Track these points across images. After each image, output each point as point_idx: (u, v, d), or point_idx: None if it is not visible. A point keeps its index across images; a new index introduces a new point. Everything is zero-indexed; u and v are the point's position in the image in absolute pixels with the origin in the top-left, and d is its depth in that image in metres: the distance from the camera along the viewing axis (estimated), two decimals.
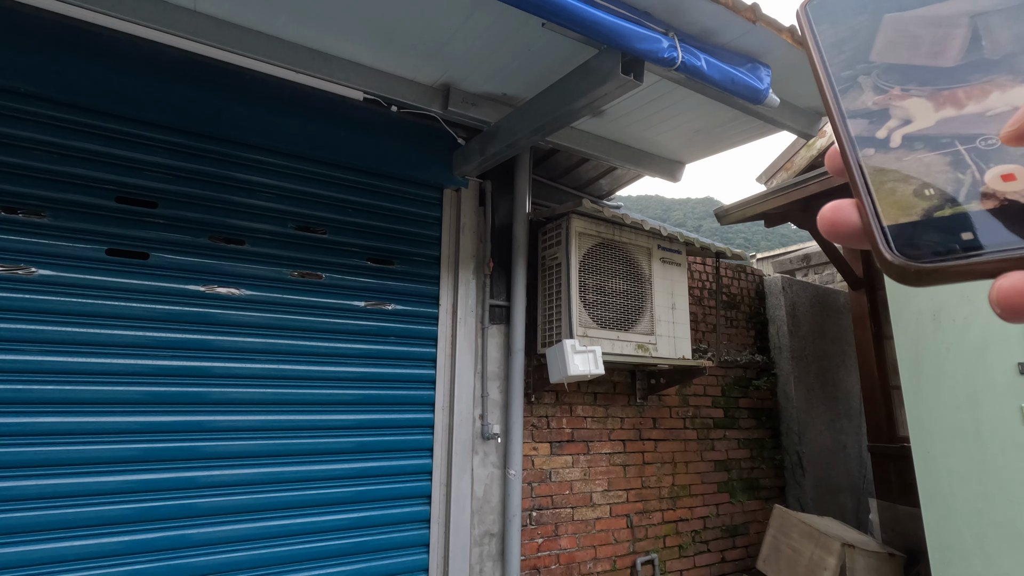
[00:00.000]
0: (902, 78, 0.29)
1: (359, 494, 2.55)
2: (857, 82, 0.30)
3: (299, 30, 2.29)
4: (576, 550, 3.17)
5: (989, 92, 0.27)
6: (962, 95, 0.27)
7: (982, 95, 0.27)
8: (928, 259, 0.24)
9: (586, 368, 2.72)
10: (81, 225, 2.15)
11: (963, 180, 0.25)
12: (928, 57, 0.29)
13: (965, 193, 0.25)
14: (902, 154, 0.27)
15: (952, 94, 0.27)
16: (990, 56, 0.28)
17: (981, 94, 0.27)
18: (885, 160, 0.27)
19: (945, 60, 0.29)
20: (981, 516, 2.48)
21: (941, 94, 0.28)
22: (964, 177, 0.25)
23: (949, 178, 0.25)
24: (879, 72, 0.30)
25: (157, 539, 2.13)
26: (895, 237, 0.25)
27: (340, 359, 2.59)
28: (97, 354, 2.11)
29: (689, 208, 57.40)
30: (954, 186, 0.25)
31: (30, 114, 2.09)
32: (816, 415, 4.49)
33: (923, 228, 0.25)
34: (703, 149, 3.26)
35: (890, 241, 0.25)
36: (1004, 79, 0.27)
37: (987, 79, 0.27)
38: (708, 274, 4.38)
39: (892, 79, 0.29)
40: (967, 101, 0.27)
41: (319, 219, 2.65)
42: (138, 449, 2.14)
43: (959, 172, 0.25)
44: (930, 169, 0.26)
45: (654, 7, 1.96)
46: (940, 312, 2.74)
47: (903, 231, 0.25)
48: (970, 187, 0.25)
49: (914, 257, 0.24)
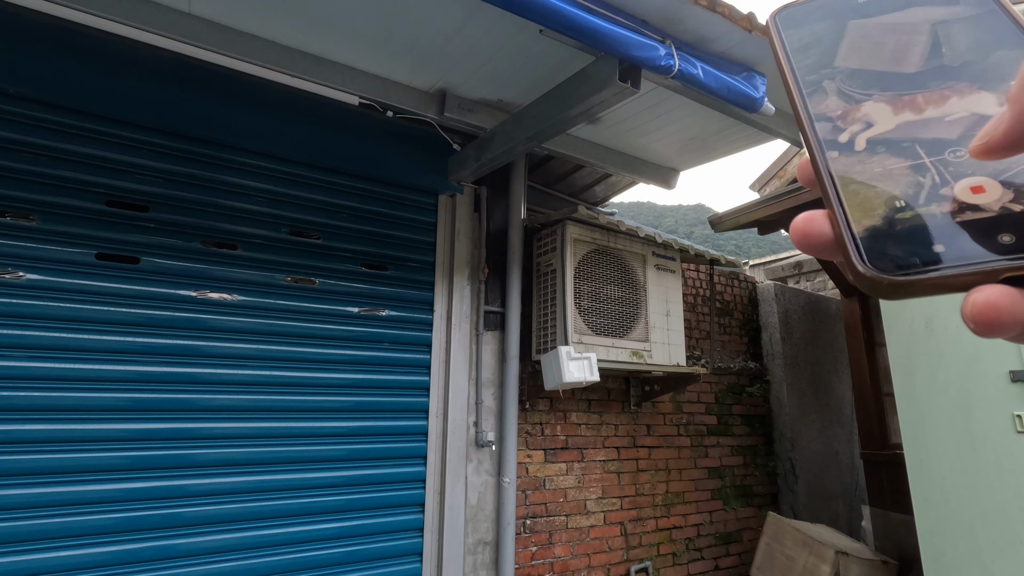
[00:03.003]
0: (865, 83, 0.29)
1: (351, 502, 2.51)
2: (822, 87, 0.30)
3: (294, 34, 2.27)
4: (570, 558, 3.14)
5: (948, 98, 0.27)
6: (922, 100, 0.28)
7: (941, 101, 0.27)
8: (901, 272, 0.24)
9: (581, 375, 2.71)
10: (70, 229, 2.11)
11: (934, 193, 0.25)
12: (891, 63, 0.30)
13: (936, 206, 0.25)
14: (867, 158, 0.27)
15: (912, 99, 0.28)
16: (950, 63, 0.28)
17: (940, 100, 0.27)
18: (851, 165, 0.27)
19: (907, 66, 0.29)
20: (974, 523, 2.49)
21: (902, 99, 0.28)
22: (935, 189, 0.25)
23: (921, 191, 0.25)
24: (843, 77, 0.30)
25: (144, 549, 2.08)
26: (867, 249, 0.25)
27: (333, 365, 2.57)
28: (85, 360, 2.07)
29: (681, 215, 57.74)
30: (925, 198, 0.25)
31: (20, 116, 2.06)
32: (809, 422, 4.50)
33: (895, 240, 0.25)
34: (698, 156, 3.27)
35: (862, 253, 0.25)
36: (962, 86, 0.27)
37: (946, 85, 0.28)
38: (702, 281, 4.39)
39: (855, 84, 0.30)
40: (926, 106, 0.27)
41: (313, 224, 2.63)
42: (126, 457, 2.10)
43: (930, 184, 0.25)
44: (902, 180, 0.26)
45: (651, 15, 1.97)
46: (933, 320, 2.75)
47: (875, 243, 0.25)
48: (941, 199, 0.25)
49: (886, 270, 0.24)
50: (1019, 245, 0.23)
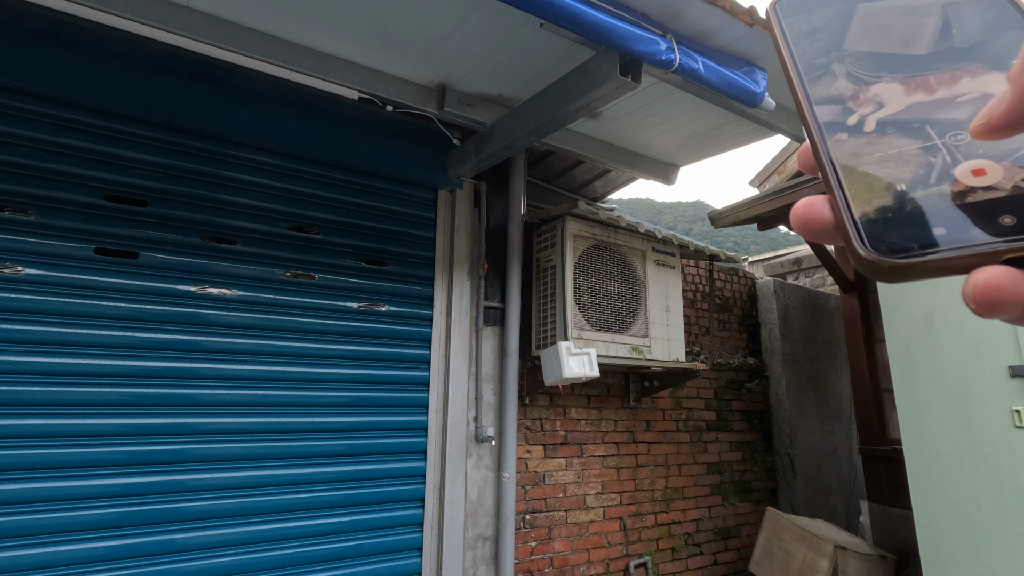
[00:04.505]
0: (875, 65, 0.29)
1: (351, 497, 2.52)
2: (830, 70, 0.30)
3: (294, 28, 2.26)
4: (569, 553, 3.15)
5: (959, 79, 0.27)
6: (933, 82, 0.28)
7: (952, 82, 0.27)
8: (901, 255, 0.24)
9: (581, 370, 2.71)
10: (69, 223, 2.10)
11: (935, 175, 0.25)
12: (900, 45, 0.30)
13: (937, 188, 0.25)
14: (868, 142, 0.27)
15: (924, 80, 0.28)
16: (960, 45, 0.28)
17: (951, 81, 0.27)
18: (852, 149, 0.27)
19: (917, 48, 0.29)
20: (972, 518, 2.50)
21: (913, 80, 0.28)
22: (936, 172, 0.25)
23: (921, 174, 0.25)
24: (852, 60, 0.30)
25: (145, 544, 2.09)
26: (868, 233, 0.25)
27: (333, 361, 2.57)
28: (84, 355, 2.07)
29: (680, 211, 57.74)
30: (926, 182, 0.25)
31: (18, 110, 2.05)
32: (807, 417, 4.51)
33: (896, 223, 0.25)
34: (698, 152, 3.27)
35: (863, 236, 0.25)
36: (974, 67, 0.27)
37: (957, 67, 0.28)
38: (701, 277, 4.39)
39: (865, 66, 0.30)
40: (938, 87, 0.27)
41: (312, 219, 2.63)
42: (126, 452, 2.10)
43: (930, 167, 0.25)
44: (902, 164, 0.26)
45: (652, 9, 1.96)
46: (932, 315, 2.76)
47: (876, 226, 0.25)
48: (942, 182, 0.25)
49: (887, 253, 0.24)
50: (1020, 226, 0.23)
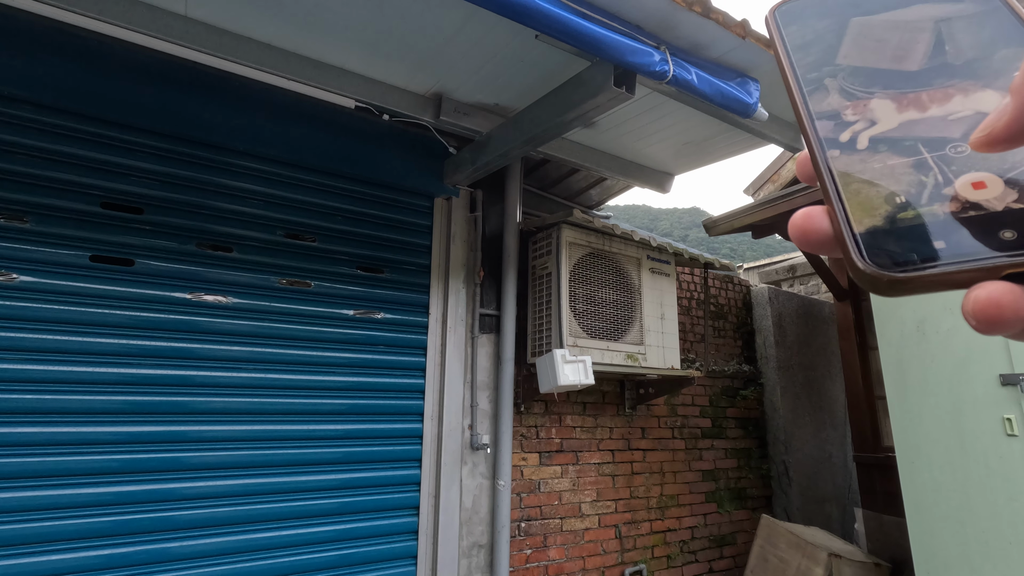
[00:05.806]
0: (868, 81, 0.29)
1: (346, 505, 2.51)
2: (823, 84, 0.30)
3: (291, 37, 2.28)
4: (565, 561, 3.15)
5: (952, 96, 0.27)
6: (926, 98, 0.27)
7: (945, 99, 0.27)
8: (900, 268, 0.24)
9: (576, 378, 2.72)
10: (65, 231, 2.10)
11: (935, 189, 0.25)
12: (893, 61, 0.29)
13: (937, 202, 0.24)
14: (868, 156, 0.27)
15: (916, 97, 0.28)
16: (953, 61, 0.28)
17: (944, 98, 0.27)
18: (851, 162, 0.27)
19: (910, 64, 0.29)
20: (965, 525, 2.51)
21: (906, 97, 0.28)
22: (936, 186, 0.25)
23: (921, 187, 0.25)
24: (845, 75, 0.30)
25: (138, 552, 2.07)
26: (867, 245, 0.24)
27: (328, 368, 2.57)
28: (79, 363, 2.07)
29: (676, 218, 57.91)
30: (926, 195, 0.25)
31: (14, 118, 2.05)
32: (802, 425, 4.53)
33: (895, 236, 0.24)
34: (692, 161, 3.29)
35: (862, 249, 0.24)
36: (966, 83, 0.27)
37: (950, 83, 0.27)
38: (696, 284, 4.41)
39: (858, 81, 0.29)
40: (930, 104, 0.27)
41: (308, 227, 2.63)
42: (120, 460, 2.09)
43: (931, 180, 0.25)
44: (902, 177, 0.26)
45: (646, 21, 1.98)
46: (924, 323, 2.78)
47: (875, 239, 0.24)
48: (942, 196, 0.24)
49: (886, 266, 0.24)
50: (1021, 241, 0.22)
